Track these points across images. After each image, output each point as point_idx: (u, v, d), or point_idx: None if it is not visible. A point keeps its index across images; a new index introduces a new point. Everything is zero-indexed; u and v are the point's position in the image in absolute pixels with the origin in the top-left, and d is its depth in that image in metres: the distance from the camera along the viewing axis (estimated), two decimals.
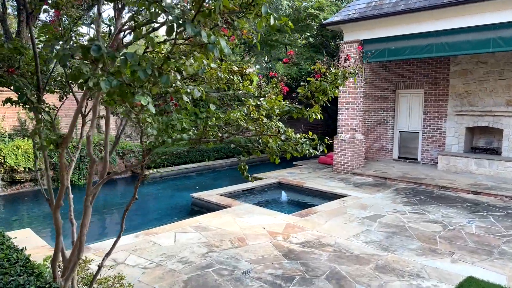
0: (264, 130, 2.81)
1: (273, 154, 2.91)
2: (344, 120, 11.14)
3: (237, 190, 8.91)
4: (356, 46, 10.69)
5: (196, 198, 8.30)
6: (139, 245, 5.55)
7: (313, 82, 3.08)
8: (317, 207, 7.53)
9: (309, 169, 11.76)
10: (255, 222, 6.53)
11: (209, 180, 11.71)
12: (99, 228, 7.51)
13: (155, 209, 8.62)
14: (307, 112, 2.96)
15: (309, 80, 3.08)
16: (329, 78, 2.97)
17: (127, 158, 11.54)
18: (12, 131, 10.83)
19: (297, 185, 9.56)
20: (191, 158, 12.93)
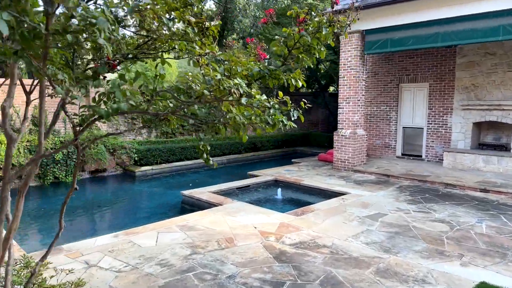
0: (222, 94, 2.25)
1: (237, 129, 2.39)
2: (345, 115, 10.62)
3: (230, 188, 8.42)
4: (357, 37, 10.17)
5: (187, 196, 7.82)
6: (117, 245, 5.07)
7: (290, 33, 2.51)
8: (314, 206, 7.03)
9: (308, 167, 11.26)
10: (246, 221, 6.03)
11: (204, 177, 11.22)
12: (82, 226, 7.04)
13: (143, 208, 8.15)
14: (284, 76, 2.44)
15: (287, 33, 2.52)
16: (310, 28, 2.42)
17: (118, 154, 11.08)
18: None
19: (294, 182, 9.06)
20: (185, 155, 12.45)
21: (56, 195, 9.03)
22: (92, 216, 7.58)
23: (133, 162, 11.34)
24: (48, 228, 6.83)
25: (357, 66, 10.30)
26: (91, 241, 5.22)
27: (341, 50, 10.59)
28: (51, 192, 9.22)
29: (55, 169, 9.74)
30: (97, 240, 5.25)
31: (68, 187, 9.62)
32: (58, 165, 9.80)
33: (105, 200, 8.71)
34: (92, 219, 7.40)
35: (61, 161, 9.83)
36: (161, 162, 11.87)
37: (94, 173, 10.67)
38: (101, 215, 7.70)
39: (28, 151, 9.43)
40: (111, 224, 7.27)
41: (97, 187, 9.89)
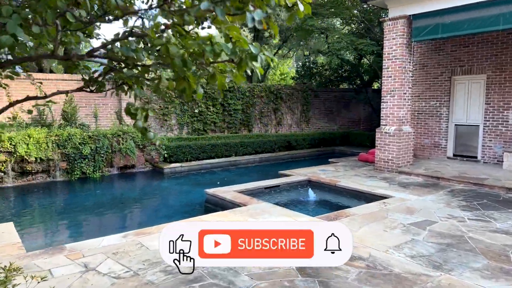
0: None
1: None
2: (389, 110, 9.59)
3: (258, 187, 7.75)
4: (403, 22, 9.12)
5: (210, 194, 7.25)
6: (123, 247, 4.56)
7: None
8: (351, 210, 6.17)
9: (346, 167, 10.33)
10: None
11: (233, 176, 10.64)
12: (99, 224, 6.67)
13: (167, 206, 7.68)
14: None
15: None
16: None
17: (147, 150, 10.77)
18: (30, 121, 10.43)
19: (329, 183, 8.22)
20: (216, 153, 11.95)
21: (82, 190, 8.82)
22: (113, 213, 7.21)
23: (162, 158, 11.01)
24: (64, 225, 6.53)
25: (403, 56, 9.25)
26: (97, 241, 4.75)
27: (385, 38, 9.58)
28: (78, 187, 9.03)
29: (82, 164, 9.57)
30: (103, 240, 4.78)
31: (95, 182, 9.42)
32: (86, 160, 9.63)
33: (129, 197, 8.36)
34: (111, 217, 7.03)
35: (88, 156, 9.65)
36: (191, 159, 11.45)
37: (122, 169, 10.43)
38: (122, 212, 7.32)
39: (56, 145, 9.32)
40: (130, 222, 6.86)
41: (123, 184, 9.61)
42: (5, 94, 10.11)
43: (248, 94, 14.33)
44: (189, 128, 13.17)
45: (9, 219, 6.52)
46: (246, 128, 14.48)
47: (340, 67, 17.28)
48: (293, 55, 25.70)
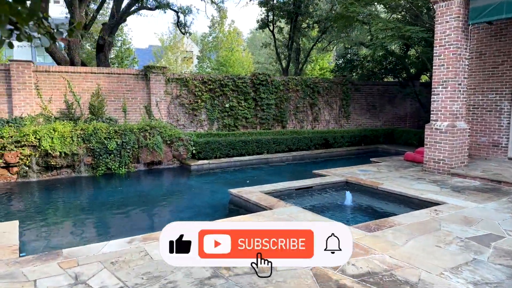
0: None
1: None
2: (440, 103, 8.41)
3: (288, 188, 6.95)
4: (459, 2, 7.92)
5: (234, 195, 6.56)
6: (125, 255, 3.96)
7: None
8: (395, 218, 5.23)
9: (389, 167, 9.25)
10: None
11: (264, 175, 9.91)
12: (114, 225, 6.18)
13: (189, 206, 7.09)
14: None
15: None
16: None
17: (175, 146, 10.29)
18: (58, 115, 10.29)
19: (370, 186, 7.25)
20: (247, 150, 11.26)
21: (105, 187, 8.47)
22: (133, 213, 6.71)
23: (190, 155, 10.49)
24: (79, 225, 6.10)
25: (458, 41, 8.05)
26: (98, 246, 4.20)
27: (437, 22, 8.40)
28: (102, 183, 8.70)
29: (108, 160, 9.24)
30: (106, 246, 4.22)
31: (121, 179, 9.06)
32: (111, 156, 9.29)
33: (153, 196, 7.87)
34: (130, 217, 6.53)
35: (114, 152, 9.30)
36: (220, 156, 10.84)
37: (149, 165, 10.02)
38: (142, 212, 6.81)
39: (81, 139, 9.05)
40: (147, 223, 6.33)
41: (148, 181, 9.17)
42: (34, 88, 10.01)
43: (282, 87, 13.49)
44: (219, 123, 12.59)
45: (23, 216, 6.21)
46: (279, 124, 13.66)
47: (385, 58, 15.96)
48: (333, 48, 24.46)
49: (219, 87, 12.46)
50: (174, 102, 11.91)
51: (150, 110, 11.50)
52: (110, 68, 11.40)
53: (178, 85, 11.92)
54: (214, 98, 12.43)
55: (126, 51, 24.82)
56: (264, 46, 20.98)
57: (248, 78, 13.01)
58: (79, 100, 10.50)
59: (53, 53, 12.14)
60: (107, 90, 10.93)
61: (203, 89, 12.23)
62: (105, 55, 13.59)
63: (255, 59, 35.35)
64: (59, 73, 10.33)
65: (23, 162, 8.45)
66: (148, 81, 11.43)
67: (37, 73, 10.05)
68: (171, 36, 31.37)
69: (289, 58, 18.47)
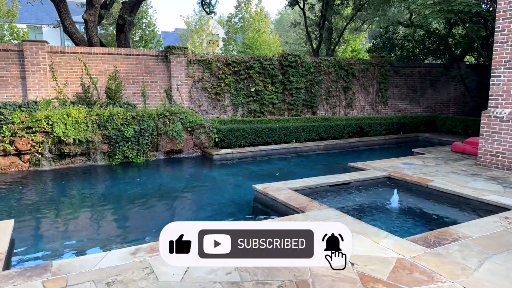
0: None
1: None
2: (502, 86, 7.17)
3: (321, 184, 6.03)
4: None
5: (260, 192, 5.71)
6: (125, 272, 3.22)
7: None
8: (458, 228, 4.22)
9: (437, 160, 8.12)
10: None
11: (292, 166, 9.00)
12: (123, 223, 5.48)
13: (209, 203, 6.31)
14: None
15: None
16: None
17: (196, 134, 9.52)
18: (75, 99, 9.71)
19: (418, 183, 6.22)
20: (273, 138, 10.35)
21: (121, 177, 7.83)
22: (146, 209, 6.01)
23: (213, 143, 9.70)
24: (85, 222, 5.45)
25: None
26: (95, 259, 3.48)
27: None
28: (118, 173, 8.07)
29: (125, 148, 8.60)
30: (104, 258, 3.49)
31: (139, 168, 8.41)
32: (129, 143, 8.63)
33: (171, 189, 7.14)
34: (142, 214, 5.82)
35: (132, 139, 8.64)
36: (244, 144, 10.00)
37: (169, 153, 9.32)
38: (157, 209, 6.08)
39: (97, 125, 8.42)
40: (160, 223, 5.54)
41: (167, 171, 8.47)
42: (48, 70, 9.44)
43: (313, 70, 12.37)
44: (244, 109, 11.70)
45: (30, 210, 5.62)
46: (309, 110, 12.60)
47: (428, 38, 14.45)
48: (367, 28, 22.85)
49: (244, 69, 11.52)
50: (196, 86, 11.11)
51: (171, 94, 10.76)
52: (129, 49, 10.67)
53: (200, 67, 11.08)
54: (239, 82, 11.52)
55: (151, 33, 24.22)
56: (293, 26, 19.71)
57: (276, 59, 11.99)
58: (96, 83, 9.88)
59: (71, 34, 11.55)
60: (125, 73, 10.24)
61: (227, 72, 11.34)
62: (126, 36, 12.89)
63: (283, 40, 34.02)
64: (75, 54, 9.70)
65: (35, 149, 7.92)
66: (169, 63, 10.65)
67: (52, 54, 9.46)
68: (196, 19, 30.52)
69: (320, 38, 17.18)
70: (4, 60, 9.04)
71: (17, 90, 9.22)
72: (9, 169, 7.77)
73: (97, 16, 11.76)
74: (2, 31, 20.63)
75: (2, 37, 20.04)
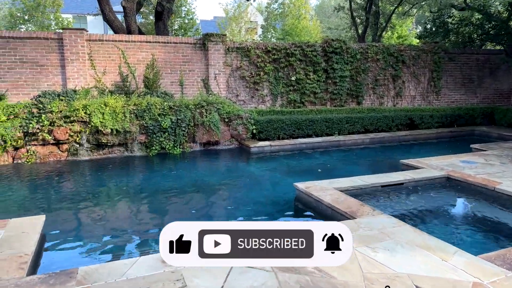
0: None
1: None
2: None
3: (371, 185, 5.43)
4: None
5: (302, 191, 5.22)
6: (154, 284, 2.89)
7: None
8: None
9: (500, 157, 7.23)
10: (397, 267, 3.10)
11: (335, 161, 8.41)
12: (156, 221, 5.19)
13: (246, 201, 5.88)
14: None
15: None
16: None
17: (233, 125, 9.14)
18: (113, 88, 9.61)
19: (483, 185, 5.46)
20: (315, 130, 9.76)
21: (158, 169, 7.60)
22: (182, 205, 5.71)
23: (250, 135, 9.29)
24: (118, 219, 5.21)
25: None
26: (125, 266, 3.17)
27: None
28: (155, 164, 7.86)
29: (162, 138, 8.37)
30: (133, 265, 3.17)
31: (175, 159, 8.17)
32: (166, 134, 8.40)
33: (206, 183, 6.79)
34: (179, 209, 5.52)
35: (168, 130, 8.40)
36: (283, 137, 9.50)
37: (205, 145, 9.01)
38: (192, 206, 5.75)
39: (134, 115, 8.24)
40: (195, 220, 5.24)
41: (204, 163, 8.17)
42: (87, 58, 9.37)
43: (359, 56, 11.54)
44: (283, 99, 11.14)
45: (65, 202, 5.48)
46: (354, 100, 11.82)
47: (488, 21, 13.09)
48: (416, 13, 21.33)
49: (285, 56, 10.94)
50: (233, 75, 10.68)
51: (208, 83, 10.41)
52: (166, 37, 10.41)
53: (238, 55, 10.63)
54: (279, 70, 10.97)
55: (190, 22, 24.08)
56: (337, 10, 18.72)
57: (319, 45, 11.28)
58: (134, 72, 9.71)
59: (111, 22, 11.47)
60: (163, 61, 10.00)
61: (266, 60, 10.81)
62: (164, 24, 12.67)
63: (324, 26, 32.82)
64: (113, 42, 9.56)
65: (73, 139, 7.87)
66: (207, 51, 10.28)
67: (90, 42, 9.37)
68: (235, 6, 30.06)
69: (366, 23, 16.15)
70: (45, 49, 9.05)
71: (57, 78, 9.23)
72: (48, 159, 7.78)
73: (136, 3, 11.59)
74: (48, 21, 21.24)
75: (48, 26, 20.63)
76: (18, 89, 9.00)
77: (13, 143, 7.44)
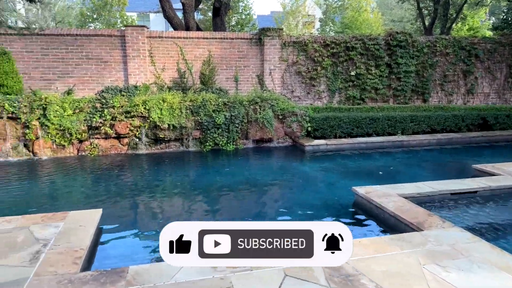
0: None
1: None
2: None
3: (439, 192, 4.93)
4: None
5: (362, 196, 4.86)
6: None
7: None
8: None
9: None
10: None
11: (397, 164, 7.84)
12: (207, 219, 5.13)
13: (300, 203, 5.62)
14: None
15: None
16: None
17: (288, 122, 8.89)
18: (171, 84, 9.80)
19: None
20: (375, 129, 9.21)
21: (211, 165, 7.60)
22: (233, 204, 5.61)
23: (305, 132, 8.99)
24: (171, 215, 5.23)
25: None
26: (174, 268, 3.08)
27: None
28: (209, 160, 7.89)
29: (215, 135, 8.38)
30: (183, 268, 3.08)
31: (228, 155, 8.14)
32: (219, 130, 8.39)
33: (258, 182, 6.64)
34: (231, 208, 5.43)
35: (222, 126, 8.38)
36: (340, 135, 9.08)
37: (258, 142, 8.88)
38: (243, 206, 5.63)
39: (190, 111, 8.32)
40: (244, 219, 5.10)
41: (256, 161, 8.04)
42: (147, 55, 9.63)
43: (426, 50, 10.70)
44: (341, 95, 10.67)
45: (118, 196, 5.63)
46: (419, 97, 11.00)
47: None
48: (490, 2, 19.49)
49: (344, 50, 10.44)
50: (289, 70, 10.41)
51: (263, 79, 10.25)
52: (223, 32, 10.40)
53: (295, 49, 10.33)
54: (337, 65, 10.50)
55: (247, 17, 24.12)
56: (402, 1, 17.62)
57: (381, 38, 10.62)
58: (191, 68, 9.83)
59: (170, 18, 11.73)
60: (219, 57, 10.01)
61: (324, 54, 10.39)
62: (222, 20, 12.71)
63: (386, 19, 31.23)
64: (172, 39, 9.74)
65: (133, 133, 8.13)
66: (262, 46, 10.11)
67: (151, 39, 9.62)
68: (293, 0, 29.58)
69: (434, 14, 14.99)
70: (108, 46, 9.45)
71: (119, 74, 9.61)
72: (109, 151, 8.11)
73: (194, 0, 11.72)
74: (114, 19, 22.42)
75: (114, 24, 21.78)
76: (84, 84, 9.51)
77: (78, 136, 7.85)
